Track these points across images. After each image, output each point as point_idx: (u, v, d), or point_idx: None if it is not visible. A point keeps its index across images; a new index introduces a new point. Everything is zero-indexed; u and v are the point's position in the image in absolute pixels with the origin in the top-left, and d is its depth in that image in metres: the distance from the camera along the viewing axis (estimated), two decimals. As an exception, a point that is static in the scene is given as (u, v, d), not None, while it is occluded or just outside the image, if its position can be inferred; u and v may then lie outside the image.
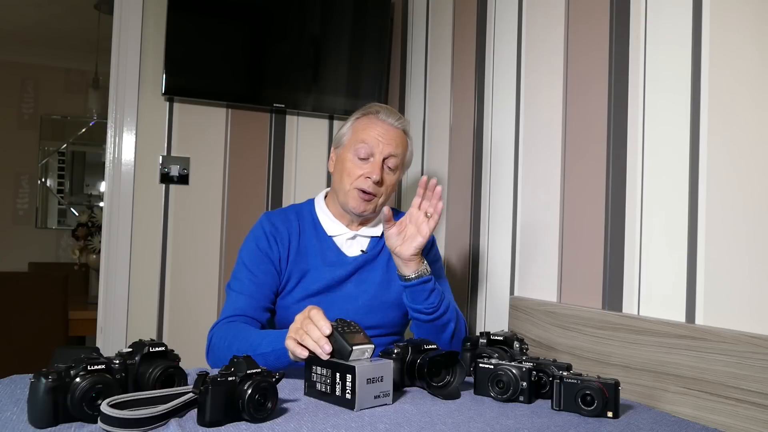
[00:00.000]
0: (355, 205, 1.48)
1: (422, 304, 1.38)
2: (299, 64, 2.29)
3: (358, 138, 1.49)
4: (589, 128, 1.45)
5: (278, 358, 1.22)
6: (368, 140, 1.47)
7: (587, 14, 1.48)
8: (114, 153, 2.16)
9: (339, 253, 1.51)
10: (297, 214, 1.55)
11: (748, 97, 1.09)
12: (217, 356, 1.35)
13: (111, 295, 2.13)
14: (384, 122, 1.50)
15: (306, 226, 1.53)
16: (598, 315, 1.36)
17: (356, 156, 1.48)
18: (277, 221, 1.51)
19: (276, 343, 1.24)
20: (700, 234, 1.17)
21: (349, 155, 1.49)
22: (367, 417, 1.00)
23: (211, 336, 1.40)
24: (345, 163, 1.50)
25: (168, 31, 2.10)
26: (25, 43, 4.37)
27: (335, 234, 1.53)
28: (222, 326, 1.39)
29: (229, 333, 1.35)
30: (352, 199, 1.48)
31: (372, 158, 1.47)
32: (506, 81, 1.77)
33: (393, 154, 1.49)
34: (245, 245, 1.52)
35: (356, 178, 1.47)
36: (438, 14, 2.17)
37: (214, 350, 1.37)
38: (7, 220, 4.72)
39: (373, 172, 1.46)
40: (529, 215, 1.65)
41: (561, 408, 1.09)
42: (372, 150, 1.47)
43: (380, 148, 1.47)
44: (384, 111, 1.52)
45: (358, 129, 1.51)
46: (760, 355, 1.02)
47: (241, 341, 1.31)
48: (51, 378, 0.87)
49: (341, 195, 1.50)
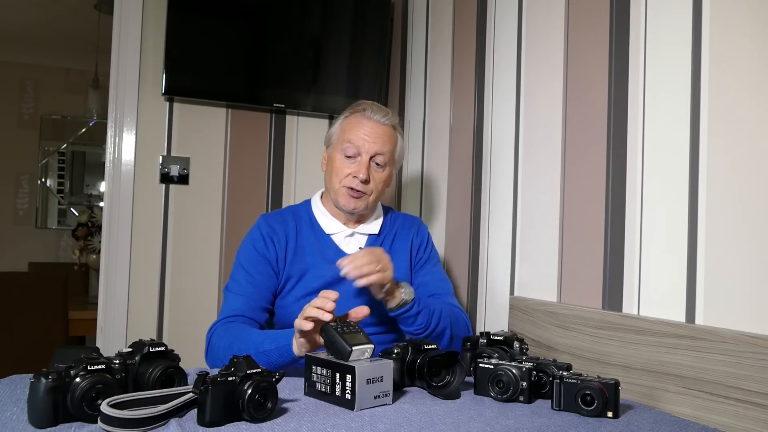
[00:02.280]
0: (345, 203, 1.50)
1: (411, 327, 1.41)
2: (299, 64, 2.29)
3: (345, 137, 1.51)
4: (589, 128, 1.45)
5: (281, 354, 1.23)
6: (354, 139, 1.49)
7: (587, 14, 1.48)
8: (114, 153, 2.16)
9: (338, 250, 1.52)
10: (294, 214, 1.57)
11: (748, 96, 1.09)
12: (217, 356, 1.35)
13: (111, 295, 2.13)
14: (370, 119, 1.51)
15: (303, 225, 1.54)
16: (598, 315, 1.36)
17: (344, 155, 1.50)
18: (273, 222, 1.52)
19: (279, 340, 1.25)
20: (700, 234, 1.17)
21: (338, 154, 1.52)
22: (367, 417, 1.00)
23: (209, 336, 1.40)
24: (334, 162, 1.52)
25: (168, 31, 2.10)
26: (25, 43, 4.37)
27: (333, 232, 1.54)
28: (221, 327, 1.39)
29: (230, 333, 1.35)
30: (342, 197, 1.50)
31: (359, 157, 1.49)
32: (506, 81, 1.77)
33: (380, 152, 1.50)
34: (242, 247, 1.53)
35: (344, 176, 1.49)
36: (438, 14, 2.17)
37: (213, 350, 1.37)
38: (7, 220, 4.71)
39: (360, 171, 1.48)
40: (529, 215, 1.65)
41: (561, 408, 1.09)
42: (359, 149, 1.49)
43: (366, 147, 1.49)
44: (370, 108, 1.53)
45: (346, 128, 1.53)
46: (760, 355, 1.02)
47: (242, 340, 1.31)
48: (51, 378, 0.87)
49: (332, 193, 1.53)
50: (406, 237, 1.61)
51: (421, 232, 1.65)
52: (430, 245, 1.65)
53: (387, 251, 1.54)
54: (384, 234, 1.59)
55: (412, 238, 1.61)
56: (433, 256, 1.64)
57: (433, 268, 1.61)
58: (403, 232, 1.62)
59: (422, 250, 1.62)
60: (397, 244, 1.59)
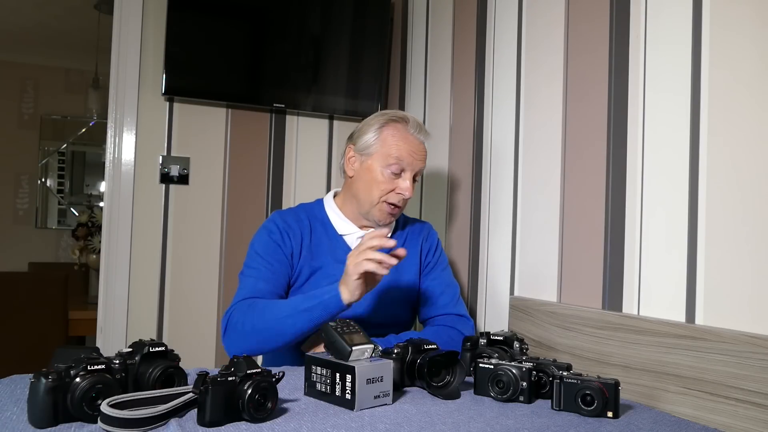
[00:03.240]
0: (381, 218, 1.50)
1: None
2: (299, 64, 2.29)
3: (391, 153, 1.48)
4: (589, 128, 1.45)
5: (327, 306, 1.26)
6: (403, 158, 1.48)
7: (587, 14, 1.48)
8: (114, 153, 2.16)
9: (348, 251, 1.51)
10: (307, 212, 1.56)
11: (748, 96, 1.09)
12: (242, 332, 1.33)
13: (111, 295, 2.13)
14: (415, 138, 1.51)
15: (316, 224, 1.55)
16: (598, 315, 1.36)
17: (388, 170, 1.48)
18: (288, 218, 1.52)
19: (320, 295, 1.28)
20: (700, 234, 1.17)
21: (379, 167, 1.48)
22: (367, 417, 1.00)
23: (228, 317, 1.37)
24: (374, 174, 1.49)
25: (168, 31, 2.10)
26: (25, 43, 4.37)
27: (345, 233, 1.55)
28: (242, 305, 1.37)
29: (255, 306, 1.34)
30: (378, 211, 1.50)
31: (404, 173, 1.49)
32: (506, 81, 1.77)
33: (421, 170, 1.53)
34: (258, 238, 1.51)
35: (388, 192, 1.48)
36: (438, 14, 2.17)
37: (236, 328, 1.34)
38: (7, 220, 4.72)
39: (407, 189, 1.48)
40: (529, 215, 1.65)
41: (561, 408, 1.09)
42: (405, 167, 1.48)
43: (414, 165, 1.49)
44: (413, 124, 1.51)
45: (389, 141, 1.49)
46: (760, 355, 1.02)
47: (272, 309, 1.30)
48: (51, 378, 0.87)
49: (366, 204, 1.50)
50: (416, 242, 1.61)
51: (430, 237, 1.65)
52: (439, 250, 1.65)
53: None
54: (395, 237, 1.58)
55: (421, 243, 1.62)
56: (442, 261, 1.64)
57: (442, 273, 1.61)
58: (413, 236, 1.62)
59: (431, 255, 1.62)
60: (407, 248, 1.58)
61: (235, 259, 2.25)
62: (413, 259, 1.59)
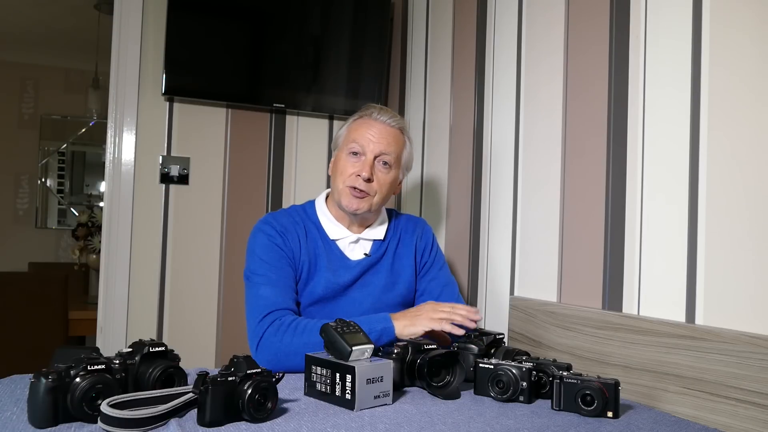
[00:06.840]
0: (347, 203, 1.48)
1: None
2: (299, 64, 2.29)
3: (351, 137, 1.51)
4: (589, 128, 1.45)
5: (380, 337, 1.31)
6: (359, 139, 1.49)
7: (587, 13, 1.48)
8: (114, 153, 2.16)
9: (342, 257, 1.51)
10: (300, 215, 1.54)
11: (748, 95, 1.09)
12: (285, 353, 1.30)
13: (111, 295, 2.13)
14: (377, 121, 1.51)
15: (310, 228, 1.53)
16: (598, 315, 1.36)
17: (349, 154, 1.50)
18: (284, 221, 1.50)
19: (375, 323, 1.32)
20: (700, 234, 1.17)
21: (343, 154, 1.52)
22: (367, 417, 1.00)
23: (262, 333, 1.33)
24: (339, 163, 1.52)
25: (168, 31, 2.10)
26: (25, 43, 4.37)
27: (338, 238, 1.53)
28: (278, 323, 1.33)
29: (300, 326, 1.32)
30: (344, 197, 1.49)
31: (364, 156, 1.49)
32: (506, 81, 1.77)
33: (385, 152, 1.49)
34: (257, 243, 1.47)
35: (348, 176, 1.48)
36: (438, 14, 2.17)
37: (271, 347, 1.31)
38: (7, 220, 4.71)
39: (363, 170, 1.47)
40: (529, 215, 1.65)
41: (561, 408, 1.09)
42: (363, 148, 1.49)
43: (371, 146, 1.48)
44: (378, 110, 1.53)
45: (353, 129, 1.53)
46: (760, 355, 1.02)
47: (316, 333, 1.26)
48: (51, 378, 0.87)
49: (336, 194, 1.51)
50: (410, 241, 1.60)
51: (425, 235, 1.63)
52: (435, 248, 1.63)
53: (391, 257, 1.55)
54: (389, 239, 1.57)
55: (416, 242, 1.60)
56: (438, 259, 1.62)
57: (438, 273, 1.60)
58: (407, 236, 1.60)
59: (427, 254, 1.61)
60: (402, 249, 1.58)
61: (235, 259, 2.25)
62: (408, 260, 1.57)
